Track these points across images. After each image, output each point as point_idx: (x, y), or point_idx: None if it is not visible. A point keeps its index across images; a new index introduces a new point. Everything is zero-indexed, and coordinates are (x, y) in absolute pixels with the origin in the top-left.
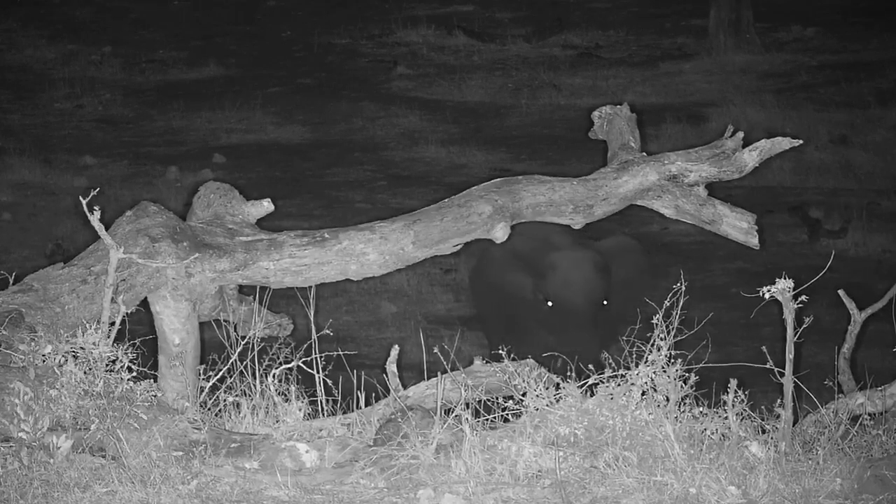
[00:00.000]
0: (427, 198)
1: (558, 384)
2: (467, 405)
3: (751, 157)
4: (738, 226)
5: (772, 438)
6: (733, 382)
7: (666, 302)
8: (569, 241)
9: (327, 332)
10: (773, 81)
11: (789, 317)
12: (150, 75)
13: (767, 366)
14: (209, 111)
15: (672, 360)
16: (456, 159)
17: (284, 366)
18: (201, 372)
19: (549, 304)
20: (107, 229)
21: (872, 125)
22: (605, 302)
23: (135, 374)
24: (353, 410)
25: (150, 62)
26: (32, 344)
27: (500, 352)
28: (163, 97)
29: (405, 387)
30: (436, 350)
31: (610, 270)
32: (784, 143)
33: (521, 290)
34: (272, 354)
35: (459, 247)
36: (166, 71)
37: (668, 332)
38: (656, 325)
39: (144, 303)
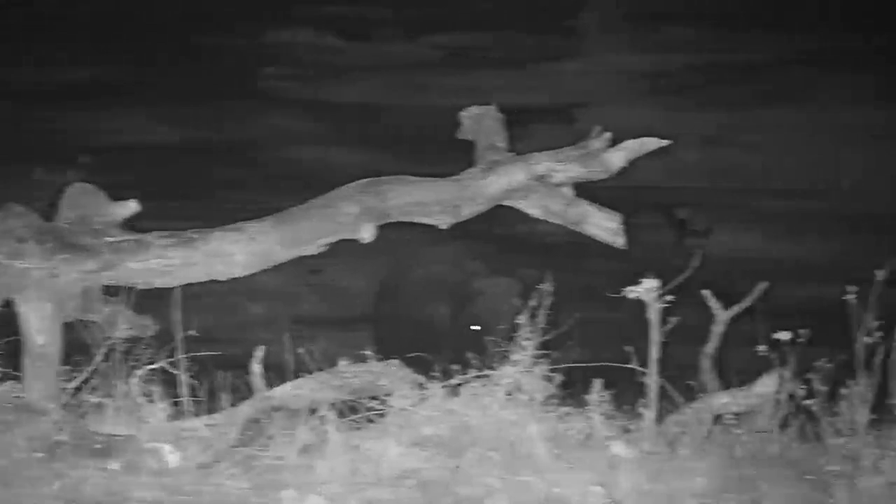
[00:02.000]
0: (296, 199)
1: (423, 384)
2: (332, 406)
3: (618, 157)
4: (604, 226)
5: (636, 438)
6: (598, 382)
7: (532, 302)
8: (489, 268)
9: (192, 332)
10: (644, 82)
11: (654, 317)
12: (18, 75)
13: (632, 366)
14: (77, 111)
15: (537, 360)
16: (328, 160)
17: (149, 367)
18: (66, 373)
19: (476, 328)
20: None
21: (742, 126)
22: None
23: None
24: (217, 411)
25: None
26: None
27: (367, 352)
28: (31, 97)
29: (270, 387)
30: (301, 351)
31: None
32: (652, 144)
33: (439, 319)
34: (137, 355)
35: (326, 247)
36: (35, 70)
37: (534, 332)
38: (522, 324)
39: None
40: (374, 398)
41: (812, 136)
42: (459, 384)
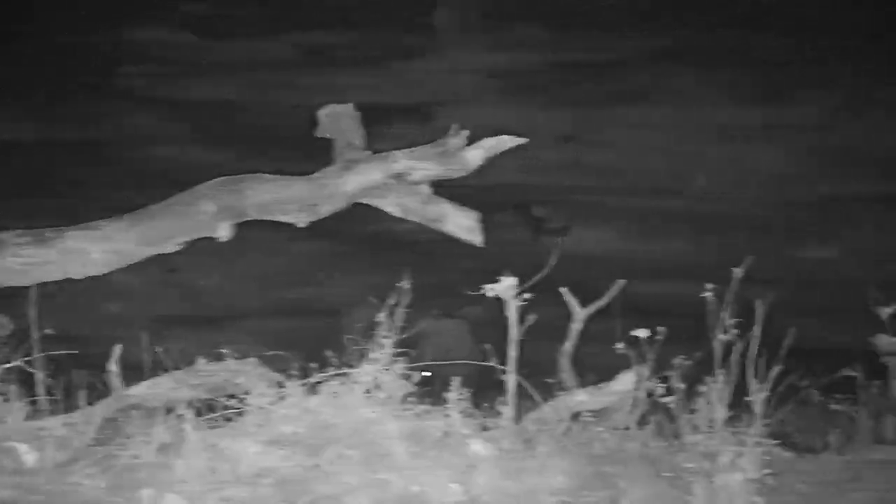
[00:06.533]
0: (155, 197)
1: (282, 382)
2: (190, 404)
3: (476, 155)
4: (462, 224)
5: (495, 436)
6: (457, 380)
7: (390, 300)
8: (437, 311)
9: (49, 331)
10: (500, 80)
11: (512, 315)
12: None
13: (491, 363)
14: None
15: (396, 358)
16: (184, 158)
17: (5, 365)
18: None
19: (426, 374)
20: None
21: (597, 124)
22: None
23: None
24: (74, 410)
25: None
26: None
27: (224, 350)
28: None
29: (127, 386)
30: (158, 349)
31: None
32: (509, 142)
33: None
34: None
35: (183, 245)
36: None
37: (392, 330)
38: (380, 323)
39: None
40: (231, 396)
41: (665, 134)
42: (318, 382)
